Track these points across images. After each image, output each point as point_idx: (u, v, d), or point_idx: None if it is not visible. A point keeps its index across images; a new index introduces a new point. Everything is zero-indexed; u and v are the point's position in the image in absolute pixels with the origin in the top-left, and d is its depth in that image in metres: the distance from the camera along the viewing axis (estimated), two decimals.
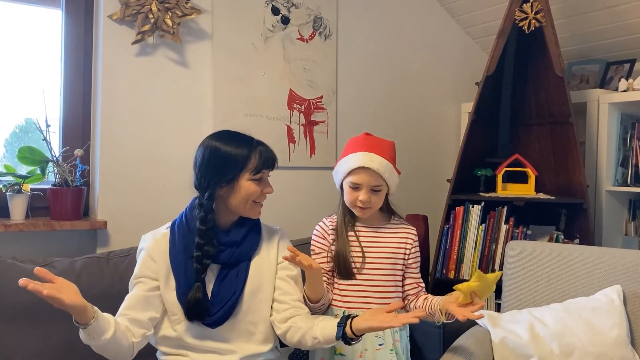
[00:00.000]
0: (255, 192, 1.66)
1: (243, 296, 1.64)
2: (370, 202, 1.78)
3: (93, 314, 1.43)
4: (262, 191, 1.68)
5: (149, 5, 2.31)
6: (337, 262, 1.80)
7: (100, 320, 1.44)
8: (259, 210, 1.72)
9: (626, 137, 2.76)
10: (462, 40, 3.37)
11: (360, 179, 1.77)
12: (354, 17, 2.95)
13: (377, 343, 1.74)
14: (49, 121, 2.23)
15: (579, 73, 3.10)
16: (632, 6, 2.66)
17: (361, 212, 1.80)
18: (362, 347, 1.73)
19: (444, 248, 2.72)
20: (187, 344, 1.63)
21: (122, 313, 1.60)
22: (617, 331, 1.89)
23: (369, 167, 1.75)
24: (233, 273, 1.65)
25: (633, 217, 2.87)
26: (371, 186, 1.77)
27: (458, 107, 3.34)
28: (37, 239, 2.23)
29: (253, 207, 1.69)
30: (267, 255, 1.73)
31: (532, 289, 2.16)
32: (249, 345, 1.66)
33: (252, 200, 1.67)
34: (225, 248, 1.65)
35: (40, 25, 2.38)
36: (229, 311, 1.61)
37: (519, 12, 2.61)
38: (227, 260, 1.65)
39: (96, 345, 1.48)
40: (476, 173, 2.80)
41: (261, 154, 1.67)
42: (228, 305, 1.61)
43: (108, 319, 1.49)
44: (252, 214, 1.70)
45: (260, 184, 1.67)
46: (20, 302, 1.86)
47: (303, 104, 2.79)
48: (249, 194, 1.65)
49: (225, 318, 1.61)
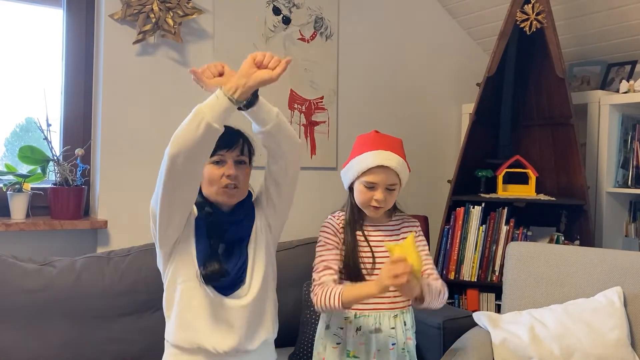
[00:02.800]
0: (214, 176, 1.60)
1: (248, 263, 1.63)
2: (385, 201, 1.73)
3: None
4: (224, 174, 1.60)
5: (150, 4, 2.31)
6: (346, 264, 1.77)
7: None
8: (229, 194, 1.62)
9: (627, 139, 2.76)
10: (463, 41, 3.37)
11: (376, 178, 1.71)
12: (355, 17, 2.95)
13: (390, 343, 1.71)
14: (50, 120, 2.23)
15: (580, 74, 3.10)
16: (633, 8, 2.66)
17: (375, 211, 1.75)
18: (375, 348, 1.70)
19: (444, 249, 2.72)
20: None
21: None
22: (618, 333, 1.89)
23: (387, 165, 1.70)
24: (237, 248, 1.64)
25: (633, 219, 2.87)
26: (387, 185, 1.72)
27: (459, 108, 3.34)
28: (37, 238, 2.23)
29: (221, 193, 1.62)
30: (259, 228, 1.71)
31: (532, 290, 2.16)
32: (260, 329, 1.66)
33: (216, 185, 1.61)
34: (228, 227, 1.64)
35: (41, 24, 2.38)
36: (239, 273, 1.60)
37: (521, 13, 2.61)
38: (232, 238, 1.64)
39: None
40: (477, 174, 2.80)
41: (221, 136, 1.59)
42: (238, 266, 1.60)
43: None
44: (222, 199, 1.63)
45: (221, 168, 1.61)
46: (20, 302, 1.87)
47: (304, 104, 2.79)
48: (210, 179, 1.61)
49: (237, 280, 1.60)
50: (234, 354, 1.62)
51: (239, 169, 1.63)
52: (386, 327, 1.71)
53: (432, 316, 2.12)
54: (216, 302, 1.60)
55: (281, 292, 1.80)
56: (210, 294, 1.59)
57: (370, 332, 1.71)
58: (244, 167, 1.65)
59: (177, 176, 1.48)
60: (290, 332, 2.18)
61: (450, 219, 2.72)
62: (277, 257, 1.77)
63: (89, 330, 1.94)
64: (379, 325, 1.71)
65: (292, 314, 2.22)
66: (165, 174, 1.48)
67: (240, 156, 1.64)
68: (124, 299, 2.01)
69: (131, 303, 2.02)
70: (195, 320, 1.60)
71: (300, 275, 2.29)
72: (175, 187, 1.51)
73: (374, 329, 1.71)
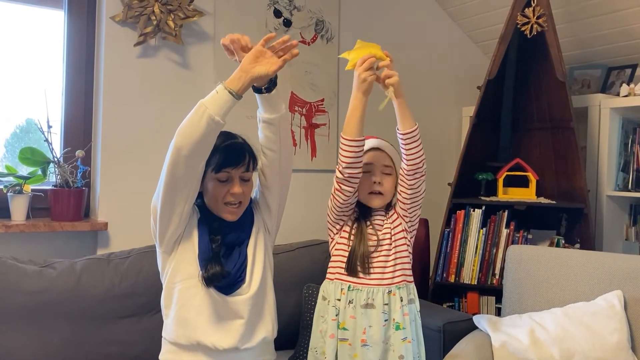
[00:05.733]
0: (219, 193, 1.61)
1: (247, 262, 1.65)
2: (383, 184, 1.79)
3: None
4: (229, 191, 1.61)
5: (152, 7, 2.31)
6: (351, 258, 1.78)
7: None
8: (230, 211, 1.64)
9: (627, 142, 2.77)
10: (464, 44, 3.37)
11: (371, 159, 1.80)
12: (356, 20, 2.95)
13: (383, 319, 1.71)
14: (50, 122, 2.23)
15: (580, 78, 3.10)
16: (634, 11, 2.66)
17: (377, 198, 1.80)
18: (367, 323, 1.71)
19: (444, 252, 2.72)
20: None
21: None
22: (618, 336, 1.89)
23: (378, 147, 1.81)
24: (237, 249, 1.66)
25: (634, 222, 2.87)
26: (382, 165, 1.80)
27: (459, 111, 3.34)
28: (37, 239, 2.23)
29: (224, 208, 1.63)
30: (257, 229, 1.73)
31: (532, 293, 2.16)
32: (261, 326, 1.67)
33: (221, 201, 1.62)
34: (229, 231, 1.66)
35: (42, 26, 2.38)
36: (239, 272, 1.62)
37: (521, 16, 2.61)
38: (233, 241, 1.66)
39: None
40: (477, 177, 2.80)
41: (226, 150, 1.62)
42: (238, 266, 1.62)
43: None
44: (224, 216, 1.64)
45: (226, 185, 1.62)
46: (21, 303, 1.86)
47: (304, 106, 2.80)
48: (215, 195, 1.62)
49: (237, 279, 1.62)
50: (233, 351, 1.63)
51: (245, 185, 1.66)
52: (379, 303, 1.72)
53: (432, 319, 2.12)
54: (218, 301, 1.61)
55: (281, 295, 1.80)
56: (213, 294, 1.61)
57: (362, 307, 1.72)
58: (249, 184, 1.68)
59: (180, 169, 1.50)
60: (290, 335, 2.18)
61: (451, 222, 2.72)
62: (277, 259, 1.79)
63: (89, 332, 1.93)
64: (371, 301, 1.72)
65: (292, 317, 2.22)
66: (168, 165, 1.51)
67: (246, 173, 1.66)
68: (124, 301, 2.00)
69: (131, 305, 2.01)
70: (196, 318, 1.61)
71: (300, 278, 2.28)
72: (177, 182, 1.52)
73: (366, 304, 1.72)
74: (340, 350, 1.73)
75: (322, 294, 1.81)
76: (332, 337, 1.74)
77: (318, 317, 1.80)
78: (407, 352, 1.71)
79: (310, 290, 2.18)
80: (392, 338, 1.72)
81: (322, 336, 1.76)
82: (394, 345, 1.72)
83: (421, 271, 2.71)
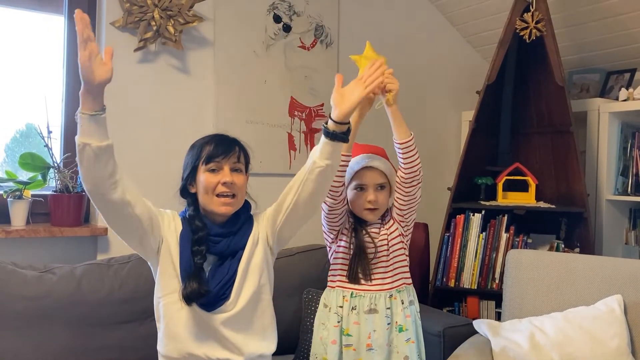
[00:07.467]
0: (210, 184, 1.59)
1: (236, 278, 1.59)
2: (378, 201, 1.79)
3: (103, 106, 1.45)
4: (220, 181, 1.58)
5: (152, 12, 2.32)
6: (352, 266, 1.79)
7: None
8: (223, 202, 1.60)
9: (626, 146, 2.77)
10: (463, 49, 3.38)
11: (365, 179, 1.79)
12: (356, 25, 2.96)
13: (386, 323, 1.74)
14: (50, 127, 2.24)
15: (579, 82, 3.11)
16: (633, 16, 2.67)
17: (371, 214, 1.81)
18: (371, 328, 1.74)
19: (444, 256, 2.72)
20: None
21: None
22: (618, 341, 1.88)
23: (371, 166, 1.80)
24: (228, 262, 1.62)
25: (633, 226, 2.87)
26: (376, 184, 1.80)
27: (459, 116, 3.35)
28: (37, 245, 2.23)
29: (217, 200, 1.59)
30: (254, 241, 1.68)
31: (532, 298, 2.16)
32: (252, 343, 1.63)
33: (211, 192, 1.60)
34: (221, 239, 1.62)
35: (42, 31, 2.39)
36: (222, 290, 1.58)
37: (520, 21, 2.62)
38: (224, 251, 1.62)
39: (97, 146, 1.47)
40: (477, 181, 2.80)
41: (216, 141, 1.61)
42: (222, 284, 1.57)
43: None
44: (218, 209, 1.60)
45: (217, 175, 1.60)
46: (20, 308, 1.86)
47: (304, 111, 2.80)
48: (206, 187, 1.59)
49: (220, 297, 1.57)
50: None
51: (236, 176, 1.62)
52: (382, 307, 1.75)
53: (432, 324, 2.12)
54: (202, 317, 1.59)
55: (281, 300, 1.80)
56: (196, 309, 1.58)
57: (366, 312, 1.74)
58: (240, 175, 1.63)
59: (108, 211, 1.56)
60: (290, 340, 2.17)
61: (450, 226, 2.72)
62: (277, 264, 1.77)
63: (88, 337, 1.93)
64: (374, 306, 1.74)
65: (292, 322, 2.22)
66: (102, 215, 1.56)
67: (237, 164, 1.63)
68: (124, 307, 2.00)
69: (131, 310, 2.01)
70: (184, 331, 1.59)
71: (300, 283, 2.29)
72: (115, 224, 1.60)
73: (369, 309, 1.74)
74: (345, 356, 1.75)
75: (324, 301, 1.82)
76: (334, 343, 1.75)
77: (319, 325, 1.81)
78: (412, 352, 1.76)
79: (310, 295, 2.18)
80: (395, 340, 1.75)
81: (322, 343, 1.77)
82: (397, 347, 1.75)
83: (421, 276, 2.71)
